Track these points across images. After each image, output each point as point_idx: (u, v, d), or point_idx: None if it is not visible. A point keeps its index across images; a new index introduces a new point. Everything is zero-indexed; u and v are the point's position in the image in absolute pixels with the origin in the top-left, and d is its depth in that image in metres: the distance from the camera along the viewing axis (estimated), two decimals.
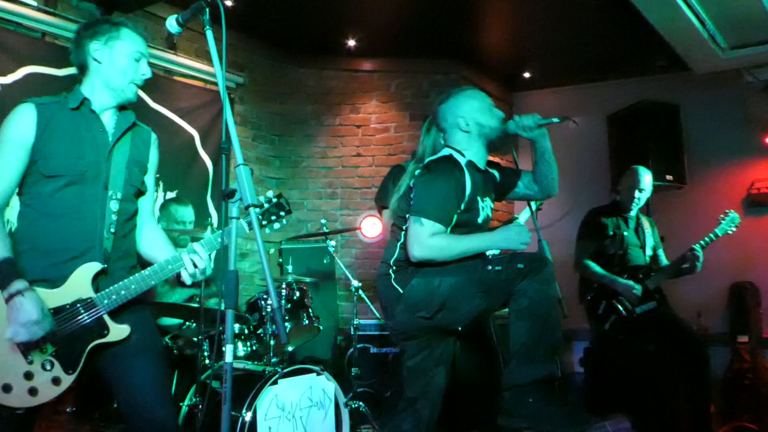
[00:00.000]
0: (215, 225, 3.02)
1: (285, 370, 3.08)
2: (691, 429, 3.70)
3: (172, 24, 1.88)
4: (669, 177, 4.98)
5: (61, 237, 2.07)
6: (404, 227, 2.56)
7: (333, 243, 4.36)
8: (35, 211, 2.09)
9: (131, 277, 2.10)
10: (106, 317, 2.07)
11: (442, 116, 2.69)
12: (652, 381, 3.79)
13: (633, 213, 4.10)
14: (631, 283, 3.79)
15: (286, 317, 3.51)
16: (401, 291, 2.47)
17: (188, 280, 2.15)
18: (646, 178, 4.05)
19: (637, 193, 4.01)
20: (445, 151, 2.64)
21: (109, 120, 2.21)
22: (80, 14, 3.99)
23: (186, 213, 3.80)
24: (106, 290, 2.07)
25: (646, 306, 3.81)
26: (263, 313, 3.41)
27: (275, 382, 3.01)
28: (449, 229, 2.49)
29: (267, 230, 2.29)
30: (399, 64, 5.72)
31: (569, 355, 5.61)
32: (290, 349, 3.80)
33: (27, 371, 2.00)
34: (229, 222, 1.66)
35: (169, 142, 4.52)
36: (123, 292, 2.08)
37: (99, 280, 2.09)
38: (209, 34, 1.77)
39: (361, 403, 3.60)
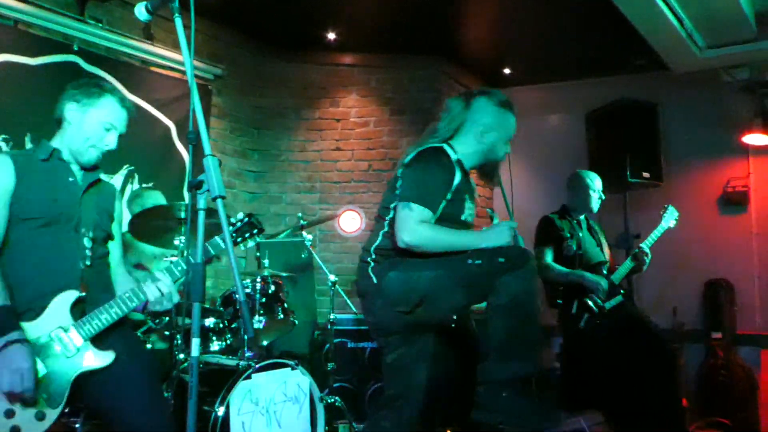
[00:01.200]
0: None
1: (259, 365, 3.05)
2: (662, 423, 3.74)
3: (141, 11, 1.84)
4: (646, 175, 5.02)
5: (41, 273, 2.13)
6: (387, 217, 2.54)
7: (310, 237, 4.34)
8: (18, 251, 2.15)
9: (111, 302, 2.14)
10: (89, 344, 2.09)
11: (475, 109, 2.64)
12: (624, 376, 3.82)
13: (582, 216, 4.14)
14: (597, 277, 3.83)
15: (261, 311, 3.48)
16: (375, 281, 2.44)
17: (154, 306, 2.22)
18: (597, 180, 4.09)
19: (592, 194, 4.04)
20: (436, 143, 2.62)
21: (77, 170, 2.32)
22: (55, 2, 3.91)
23: (158, 197, 3.79)
24: (86, 317, 2.10)
25: (615, 301, 3.86)
26: (237, 307, 3.38)
27: (249, 377, 2.98)
28: (433, 219, 2.46)
29: (241, 247, 2.42)
30: (379, 59, 5.70)
31: (547, 350, 5.65)
32: (264, 343, 3.77)
33: (7, 409, 1.96)
34: (197, 214, 1.63)
35: (145, 133, 4.47)
36: (104, 316, 2.12)
37: (79, 308, 2.12)
38: (178, 21, 1.73)
39: (337, 398, 3.58)
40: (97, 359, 2.08)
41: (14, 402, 1.97)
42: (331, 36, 5.32)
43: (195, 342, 1.57)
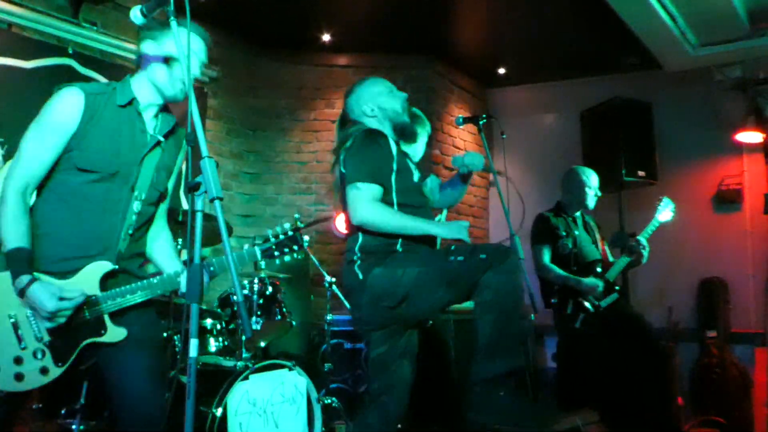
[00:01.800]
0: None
1: (256, 366, 3.06)
2: (656, 422, 3.77)
3: (136, 15, 1.85)
4: (641, 173, 5.04)
5: (79, 232, 2.06)
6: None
7: (307, 238, 4.33)
8: (59, 198, 2.07)
9: (138, 283, 2.09)
10: (106, 318, 2.06)
11: (350, 109, 2.76)
12: (620, 375, 3.84)
13: (578, 213, 4.15)
14: (594, 281, 3.83)
15: (258, 312, 3.49)
16: (361, 277, 2.46)
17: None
18: (593, 176, 4.11)
19: (588, 191, 4.05)
20: (364, 126, 2.68)
21: (150, 120, 2.19)
22: (48, 5, 3.92)
23: None
24: (112, 291, 2.06)
25: (610, 299, 3.87)
26: (235, 308, 3.39)
27: (246, 378, 2.99)
28: (394, 196, 2.52)
29: (277, 261, 2.31)
30: (374, 60, 5.70)
31: (542, 350, 5.66)
32: (263, 344, 3.77)
33: (17, 356, 1.98)
34: (195, 215, 1.64)
35: None
36: (129, 296, 2.08)
37: (108, 280, 2.08)
38: (173, 24, 1.74)
39: (333, 398, 3.59)
40: (110, 334, 2.07)
41: (29, 336, 1.99)
42: (326, 37, 5.33)
43: (193, 343, 1.58)
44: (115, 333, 2.08)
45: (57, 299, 1.93)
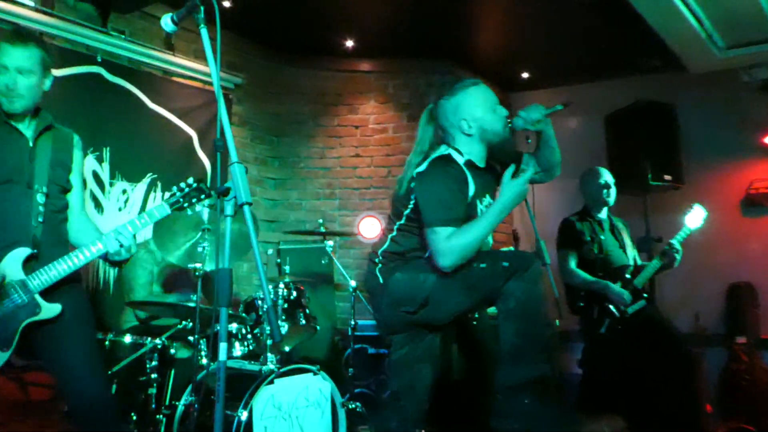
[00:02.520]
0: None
1: (281, 370, 3.07)
2: (684, 429, 3.70)
3: (167, 23, 1.89)
4: (667, 177, 4.98)
5: None
6: (398, 222, 2.57)
7: (331, 243, 4.36)
8: None
9: (62, 258, 2.27)
10: (38, 297, 2.23)
11: (443, 114, 2.60)
12: (647, 382, 3.79)
13: (604, 215, 4.09)
14: (621, 290, 3.78)
15: (283, 317, 3.51)
16: (381, 281, 2.47)
17: (113, 257, 2.33)
18: (605, 172, 4.06)
19: (605, 190, 4.00)
20: (443, 150, 2.59)
21: (26, 126, 2.40)
22: (77, 15, 4.00)
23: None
24: (37, 271, 2.23)
25: (637, 305, 3.81)
26: (260, 313, 3.41)
27: (271, 382, 3.00)
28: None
29: (188, 212, 2.46)
30: (396, 65, 5.72)
31: (567, 356, 5.61)
32: (287, 349, 3.79)
33: None
34: (224, 220, 1.66)
35: (167, 142, 4.53)
36: (53, 273, 2.25)
37: (31, 264, 2.25)
38: (203, 31, 1.77)
39: (358, 403, 3.59)
40: (45, 311, 2.24)
41: None
42: (348, 43, 5.36)
43: (222, 347, 1.59)
44: (49, 309, 2.25)
45: None
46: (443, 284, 2.39)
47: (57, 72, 3.83)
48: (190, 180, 2.46)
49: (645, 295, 3.87)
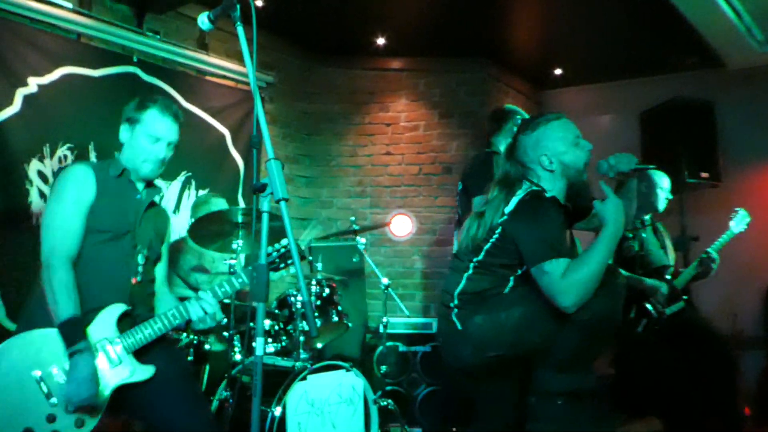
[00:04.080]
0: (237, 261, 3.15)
1: (314, 366, 3.09)
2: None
3: (203, 21, 1.91)
4: (704, 175, 4.89)
5: (95, 285, 2.22)
6: (475, 259, 2.42)
7: (363, 241, 4.37)
8: (80, 260, 2.23)
9: (155, 317, 2.24)
10: (130, 357, 2.16)
11: (523, 150, 2.46)
12: (683, 383, 3.72)
13: (647, 216, 4.02)
14: (657, 282, 3.72)
15: (316, 314, 3.52)
16: (460, 327, 2.35)
17: (197, 325, 2.29)
18: (664, 179, 3.98)
19: (660, 193, 3.93)
20: (526, 186, 2.43)
21: (141, 190, 2.46)
22: (114, 16, 4.07)
23: (222, 204, 3.88)
24: (130, 330, 2.18)
25: (676, 307, 3.74)
26: (293, 310, 3.43)
27: (304, 378, 3.02)
28: None
29: (283, 272, 2.44)
30: (427, 63, 5.71)
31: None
32: (319, 345, 3.81)
33: (50, 414, 2.01)
34: (261, 216, 1.67)
35: (201, 141, 4.58)
36: (148, 331, 2.20)
37: (125, 323, 2.20)
38: (240, 29, 1.79)
39: (390, 401, 3.59)
40: (139, 372, 2.16)
41: (81, 411, 2.04)
42: (380, 41, 5.36)
43: (259, 341, 1.61)
44: (142, 371, 2.17)
45: (93, 383, 2.03)
46: (529, 318, 2.27)
47: (95, 72, 3.92)
48: (284, 242, 2.42)
49: (684, 297, 3.80)
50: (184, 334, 3.19)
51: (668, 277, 3.82)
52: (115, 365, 2.12)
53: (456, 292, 2.42)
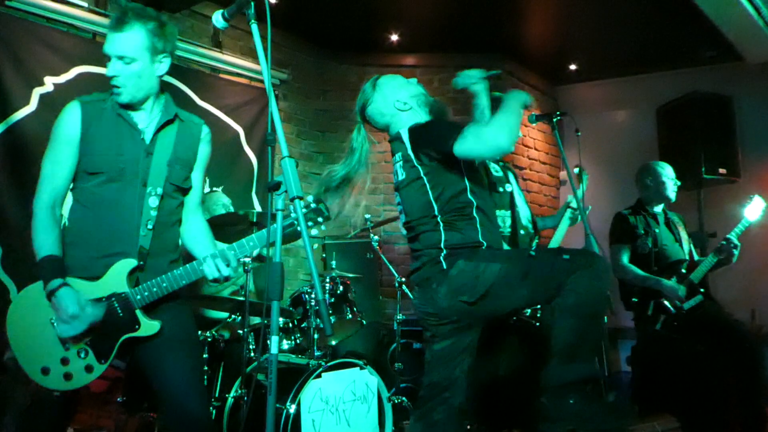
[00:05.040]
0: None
1: (329, 364, 3.09)
2: (743, 430, 3.58)
3: (218, 19, 1.91)
4: (722, 170, 4.85)
5: (100, 233, 2.15)
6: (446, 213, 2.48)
7: (377, 238, 4.36)
8: (80, 205, 2.19)
9: (163, 276, 2.15)
10: (139, 312, 2.15)
11: (378, 112, 2.70)
12: (702, 380, 3.68)
13: (659, 209, 3.98)
14: (676, 285, 3.67)
15: (330, 311, 3.52)
16: (445, 267, 2.38)
17: (210, 278, 2.20)
18: (668, 168, 3.94)
19: (668, 182, 3.89)
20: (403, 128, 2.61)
21: (145, 117, 2.22)
22: None
23: (220, 198, 3.89)
24: (140, 286, 2.14)
25: (693, 301, 3.69)
26: (307, 307, 3.44)
27: (319, 376, 3.03)
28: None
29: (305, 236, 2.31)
30: (441, 59, 5.68)
31: (615, 353, 5.50)
32: (333, 343, 3.81)
33: (63, 357, 2.13)
34: (274, 215, 1.67)
35: (215, 138, 4.54)
36: (155, 289, 2.15)
37: (136, 275, 2.16)
38: (254, 27, 1.78)
39: (404, 398, 3.59)
40: (144, 328, 2.16)
41: (78, 341, 2.11)
42: (393, 37, 5.35)
43: (274, 339, 1.60)
44: (148, 326, 2.16)
45: (78, 307, 2.05)
46: (504, 276, 2.32)
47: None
48: (310, 198, 2.30)
49: (702, 290, 3.75)
50: (199, 332, 3.20)
51: (684, 270, 3.77)
52: (123, 318, 2.14)
53: (441, 243, 2.44)
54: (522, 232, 3.30)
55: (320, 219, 2.30)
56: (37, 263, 2.10)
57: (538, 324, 3.24)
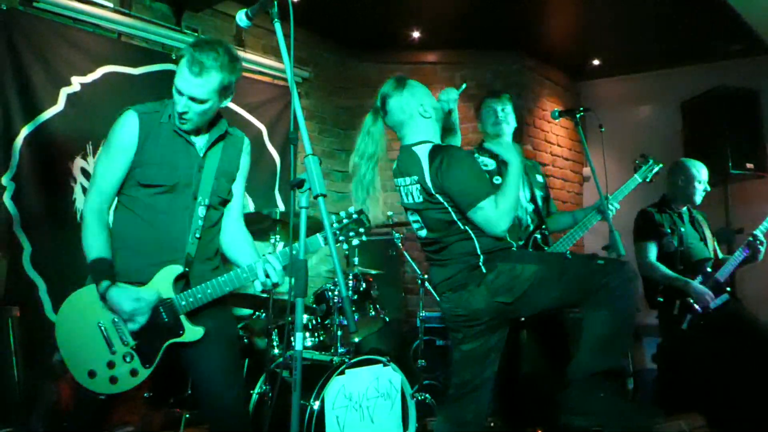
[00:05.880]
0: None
1: (352, 361, 3.10)
2: None
3: (241, 18, 1.93)
4: (749, 166, 4.77)
5: (151, 241, 2.21)
6: (451, 219, 2.50)
7: (399, 235, 4.36)
8: (131, 213, 2.24)
9: (208, 282, 2.21)
10: (183, 318, 2.21)
11: (400, 108, 2.69)
12: (728, 379, 3.63)
13: (684, 208, 3.92)
14: (704, 289, 3.62)
15: (353, 309, 3.53)
16: (484, 270, 2.41)
17: (259, 289, 2.24)
18: (702, 170, 3.87)
19: (697, 186, 3.83)
20: (424, 140, 2.64)
21: (199, 135, 2.30)
22: (154, 15, 4.13)
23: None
24: (185, 292, 2.20)
25: (720, 300, 3.64)
26: (330, 304, 3.45)
27: (342, 372, 3.04)
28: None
29: (344, 246, 2.33)
30: (462, 56, 5.67)
31: (639, 351, 5.45)
32: (356, 340, 3.82)
33: (110, 360, 2.16)
34: (298, 212, 1.68)
35: None
36: (200, 296, 2.21)
37: (181, 282, 2.22)
38: (277, 26, 1.80)
39: (427, 395, 3.59)
40: (188, 333, 2.22)
41: (116, 342, 2.16)
42: (415, 34, 5.34)
43: (298, 336, 1.62)
44: (192, 332, 2.21)
45: (133, 300, 2.10)
46: (541, 277, 2.37)
47: (135, 70, 3.99)
48: (352, 209, 2.41)
49: (728, 289, 3.70)
50: None
51: (709, 269, 3.72)
52: (169, 324, 2.19)
53: (477, 249, 2.46)
54: (522, 216, 3.32)
55: (362, 230, 2.40)
56: (88, 265, 2.15)
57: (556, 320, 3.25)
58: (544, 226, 3.27)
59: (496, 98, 3.37)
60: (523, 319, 3.09)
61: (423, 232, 2.61)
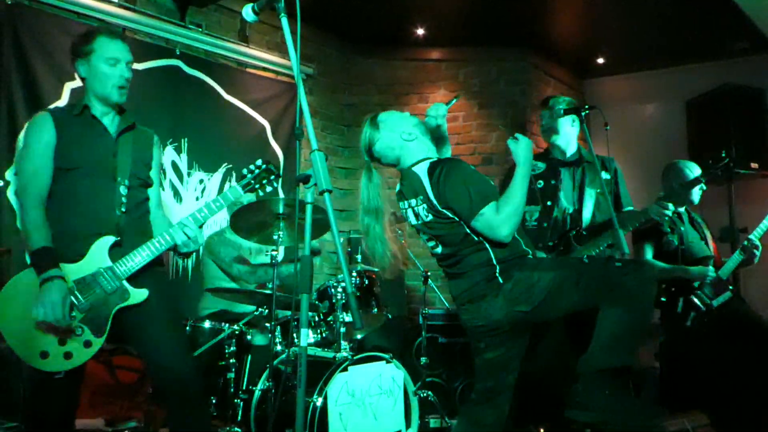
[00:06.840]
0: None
1: (355, 358, 3.10)
2: None
3: (248, 12, 1.92)
4: (754, 165, 4.76)
5: (79, 219, 2.36)
6: (464, 232, 2.50)
7: (401, 232, 4.36)
8: (58, 199, 2.37)
9: (143, 245, 2.37)
10: (125, 283, 2.34)
11: (388, 147, 2.69)
12: (731, 377, 3.63)
13: (682, 208, 3.91)
14: (702, 268, 3.63)
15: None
16: (501, 281, 2.42)
17: (182, 249, 2.42)
18: (696, 170, 3.87)
19: (696, 189, 3.82)
20: (420, 159, 2.65)
21: (110, 123, 2.49)
22: (158, 10, 4.12)
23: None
24: (123, 259, 2.33)
25: (722, 298, 3.64)
26: (333, 301, 3.45)
27: (345, 369, 3.03)
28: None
29: (260, 192, 2.55)
30: (467, 53, 5.66)
31: (643, 349, 5.44)
32: (359, 336, 3.82)
33: (60, 337, 2.24)
34: (305, 207, 1.67)
35: (241, 132, 4.62)
36: (137, 259, 2.35)
37: (115, 252, 2.34)
38: (284, 20, 1.79)
39: (429, 392, 3.59)
40: (134, 296, 2.34)
41: (50, 331, 2.21)
42: (419, 31, 5.33)
43: (303, 332, 1.61)
44: (137, 294, 2.35)
45: (63, 306, 2.18)
46: (559, 283, 2.38)
47: (138, 66, 3.98)
48: (259, 161, 2.57)
49: (730, 288, 3.69)
50: (227, 325, 3.23)
51: (711, 267, 3.72)
52: (113, 291, 2.31)
53: (493, 260, 2.47)
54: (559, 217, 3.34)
55: (272, 177, 2.58)
56: (32, 253, 2.24)
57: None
58: (578, 227, 3.27)
59: (546, 108, 3.47)
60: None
61: (439, 249, 2.61)
